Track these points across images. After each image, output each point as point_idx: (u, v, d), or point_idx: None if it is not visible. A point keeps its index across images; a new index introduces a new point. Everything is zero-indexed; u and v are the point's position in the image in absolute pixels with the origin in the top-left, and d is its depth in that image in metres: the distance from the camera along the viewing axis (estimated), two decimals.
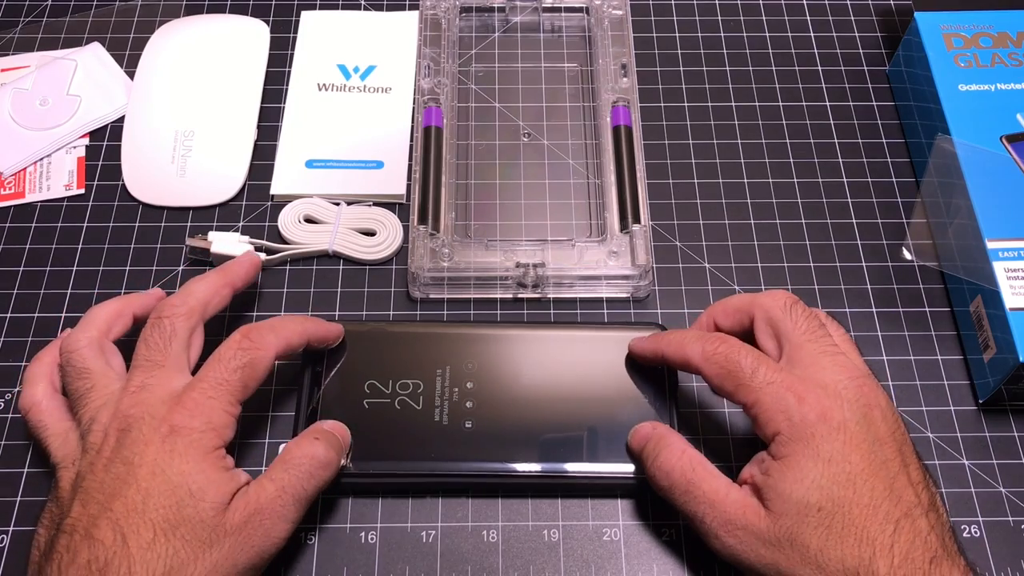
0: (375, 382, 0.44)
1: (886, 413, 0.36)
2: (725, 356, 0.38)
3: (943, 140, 0.49)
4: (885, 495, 0.34)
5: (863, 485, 0.34)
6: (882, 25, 0.59)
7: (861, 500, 0.34)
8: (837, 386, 0.36)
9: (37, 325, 0.48)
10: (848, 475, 0.34)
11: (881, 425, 0.36)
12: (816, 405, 0.35)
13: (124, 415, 0.37)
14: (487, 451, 0.42)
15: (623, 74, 0.53)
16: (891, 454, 0.35)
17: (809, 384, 0.36)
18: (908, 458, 0.36)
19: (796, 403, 0.35)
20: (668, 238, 0.51)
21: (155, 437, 0.36)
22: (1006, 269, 0.45)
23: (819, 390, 0.36)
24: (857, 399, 0.36)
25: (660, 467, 0.38)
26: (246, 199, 0.52)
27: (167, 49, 0.56)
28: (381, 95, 0.55)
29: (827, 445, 0.35)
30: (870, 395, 0.36)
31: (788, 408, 0.35)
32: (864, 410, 0.36)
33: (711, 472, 0.37)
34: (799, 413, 0.35)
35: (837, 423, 0.35)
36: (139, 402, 0.37)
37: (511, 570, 0.41)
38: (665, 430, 0.40)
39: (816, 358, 0.37)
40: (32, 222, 0.51)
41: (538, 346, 0.45)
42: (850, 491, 0.34)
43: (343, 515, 0.42)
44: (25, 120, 0.54)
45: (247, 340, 0.39)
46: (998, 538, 0.42)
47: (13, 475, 0.43)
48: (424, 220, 0.48)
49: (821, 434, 0.35)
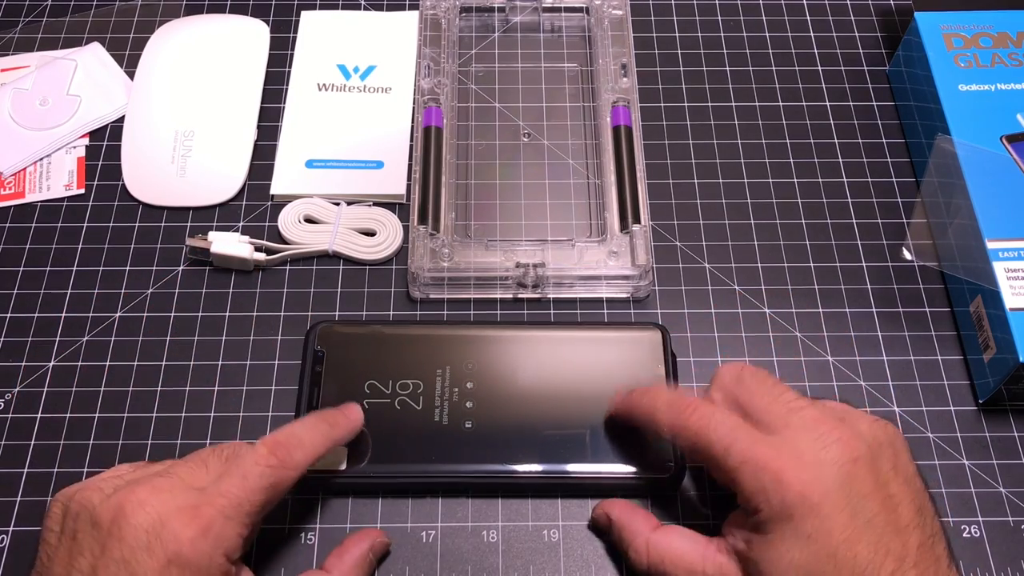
0: (375, 382, 0.44)
1: (874, 458, 0.35)
2: (695, 433, 0.36)
3: (943, 140, 0.49)
4: (869, 559, 0.33)
5: (843, 556, 0.33)
6: (882, 25, 0.59)
7: (842, 574, 0.33)
8: (815, 451, 0.34)
9: (37, 325, 0.48)
10: (828, 550, 0.33)
11: (864, 480, 0.34)
12: (795, 483, 0.34)
13: (130, 502, 0.34)
14: (487, 451, 0.42)
15: (623, 74, 0.53)
16: (875, 509, 0.34)
17: (786, 457, 0.34)
18: (894, 502, 0.34)
19: (773, 484, 0.34)
20: (668, 238, 0.51)
21: (161, 550, 0.33)
22: (1006, 269, 0.45)
23: (796, 463, 0.34)
24: (838, 459, 0.34)
25: (631, 559, 0.39)
26: (246, 199, 0.52)
27: (167, 49, 0.56)
28: (381, 95, 0.55)
29: (806, 523, 0.33)
30: (852, 449, 0.34)
31: (766, 487, 0.34)
32: (846, 469, 0.34)
33: (680, 553, 0.37)
34: (777, 495, 0.34)
35: (817, 498, 0.33)
36: (147, 487, 0.34)
37: (511, 570, 0.41)
38: (625, 515, 0.40)
39: (786, 421, 0.36)
40: (32, 222, 0.51)
41: (538, 347, 0.45)
42: (830, 567, 0.33)
43: (343, 515, 0.42)
44: (25, 120, 0.54)
45: (275, 458, 0.36)
46: (998, 538, 0.42)
47: (13, 475, 0.43)
48: (424, 220, 0.48)
49: (800, 514, 0.33)
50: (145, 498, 0.34)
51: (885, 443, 0.35)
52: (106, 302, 0.48)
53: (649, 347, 0.45)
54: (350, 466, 0.42)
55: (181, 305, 0.48)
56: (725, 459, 0.35)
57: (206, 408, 0.45)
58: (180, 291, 0.49)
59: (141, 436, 0.44)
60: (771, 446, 0.35)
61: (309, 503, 0.42)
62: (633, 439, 0.42)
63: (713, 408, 0.37)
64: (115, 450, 0.44)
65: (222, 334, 0.47)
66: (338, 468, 0.42)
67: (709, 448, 0.36)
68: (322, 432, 0.39)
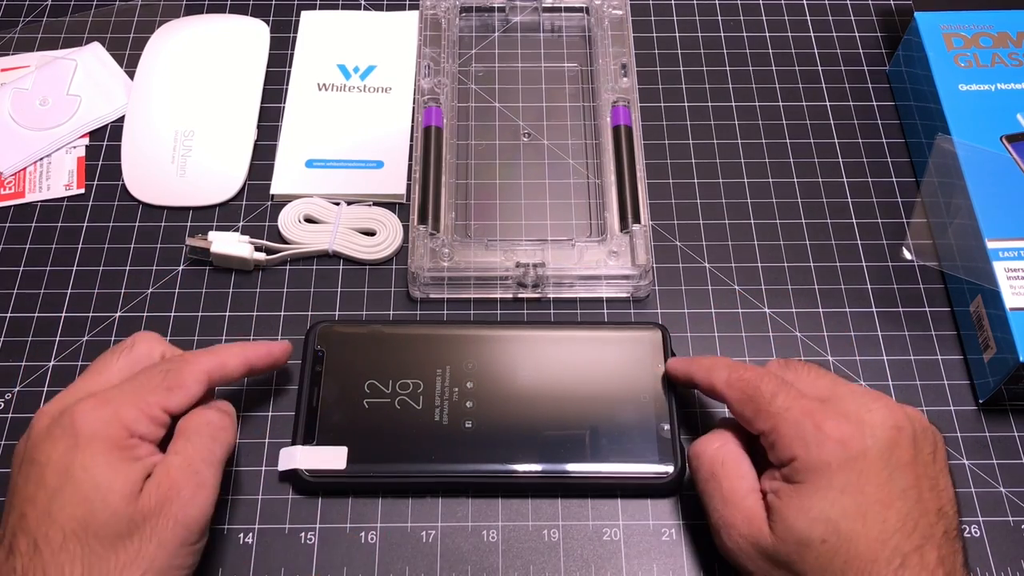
0: (375, 382, 0.44)
1: (916, 436, 0.35)
2: (747, 381, 0.37)
3: (943, 140, 0.49)
4: (897, 527, 0.33)
5: (874, 518, 0.33)
6: (882, 25, 0.59)
7: (870, 534, 0.33)
8: (861, 412, 0.35)
9: (37, 325, 0.48)
10: (859, 507, 0.33)
11: (905, 450, 0.34)
12: (835, 431, 0.34)
13: (40, 413, 0.37)
14: (487, 451, 0.42)
15: (623, 74, 0.53)
16: (910, 481, 0.34)
17: (830, 411, 0.35)
18: (929, 484, 0.34)
19: (814, 430, 0.35)
20: (668, 238, 0.51)
21: (62, 435, 0.35)
22: (1006, 269, 0.45)
23: (840, 417, 0.35)
24: (882, 422, 0.35)
25: (694, 448, 0.39)
26: (246, 199, 0.52)
27: (167, 49, 0.56)
28: (381, 95, 0.55)
29: (842, 475, 0.34)
30: (897, 417, 0.35)
31: (805, 434, 0.35)
32: (889, 434, 0.34)
33: (737, 472, 0.37)
34: (816, 440, 0.34)
35: (856, 452, 0.34)
36: (57, 399, 0.37)
37: (511, 570, 0.41)
38: (729, 421, 0.40)
39: (833, 390, 0.36)
40: (32, 222, 0.51)
41: (538, 346, 0.45)
42: (859, 524, 0.33)
43: (343, 515, 0.42)
44: (25, 120, 0.54)
45: (177, 354, 0.40)
46: (998, 538, 0.42)
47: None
48: (424, 220, 0.48)
49: (837, 463, 0.34)
50: (49, 407, 0.37)
51: (929, 430, 0.36)
52: (106, 302, 0.48)
53: (650, 347, 0.45)
54: (350, 466, 0.42)
55: (181, 305, 0.48)
56: (770, 404, 0.36)
57: None
58: (180, 291, 0.49)
59: None
60: (817, 401, 0.36)
61: (309, 503, 0.42)
62: (633, 439, 0.42)
63: (767, 370, 0.38)
64: None
65: (222, 334, 0.47)
66: (338, 468, 0.42)
67: (758, 396, 0.37)
68: (235, 345, 0.42)
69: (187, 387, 0.38)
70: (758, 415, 0.37)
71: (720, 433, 0.39)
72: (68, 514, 0.33)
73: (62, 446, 0.35)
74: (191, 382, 0.38)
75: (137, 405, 0.36)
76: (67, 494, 0.34)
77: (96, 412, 0.35)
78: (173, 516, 0.35)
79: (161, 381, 0.37)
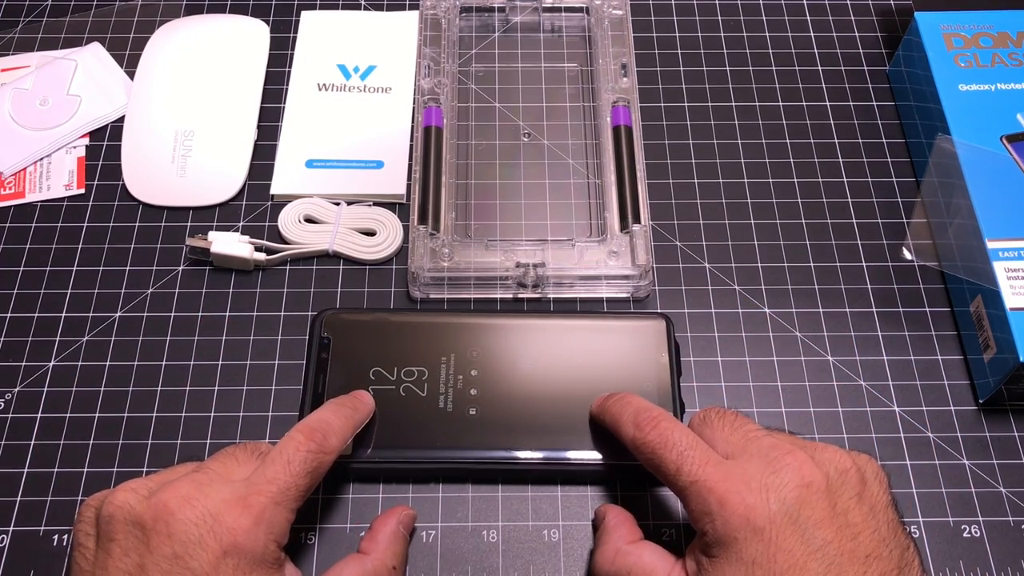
0: (380, 369, 0.44)
1: (832, 485, 0.34)
2: (651, 449, 0.36)
3: (943, 140, 0.49)
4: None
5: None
6: (882, 25, 0.59)
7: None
8: (765, 475, 0.34)
9: (37, 325, 0.48)
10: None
11: (817, 507, 0.33)
12: (739, 506, 0.33)
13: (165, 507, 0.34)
14: (491, 438, 0.42)
15: (623, 74, 0.53)
16: (830, 536, 0.33)
17: (734, 480, 0.34)
18: (856, 530, 0.33)
19: (718, 507, 0.33)
20: (668, 238, 0.51)
21: (215, 545, 0.33)
22: (1006, 269, 0.45)
23: (742, 487, 0.33)
24: (790, 482, 0.33)
25: (594, 568, 0.38)
26: (246, 199, 0.52)
27: (167, 49, 0.56)
28: (381, 95, 0.55)
29: (750, 547, 0.33)
30: (805, 474, 0.34)
31: (711, 512, 0.34)
32: (796, 493, 0.33)
33: (647, 568, 0.36)
34: (721, 516, 0.33)
35: (761, 522, 0.33)
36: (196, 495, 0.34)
37: (511, 570, 0.41)
38: (614, 521, 0.39)
39: (743, 448, 0.35)
40: (32, 222, 0.51)
41: (542, 335, 0.45)
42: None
43: (343, 515, 0.42)
44: (25, 120, 0.54)
45: (313, 443, 0.36)
46: (998, 538, 0.42)
47: (13, 475, 0.43)
48: (424, 220, 0.48)
49: (744, 538, 0.33)
50: (190, 494, 0.34)
51: (851, 471, 0.34)
52: (106, 302, 0.48)
53: (653, 336, 0.45)
54: (354, 452, 0.42)
55: (181, 305, 0.48)
56: (675, 479, 0.35)
57: (206, 408, 0.45)
58: (180, 291, 0.49)
59: (141, 436, 0.44)
60: (721, 469, 0.35)
61: (309, 503, 0.42)
62: None
63: (675, 425, 0.36)
64: (115, 450, 0.44)
65: (222, 334, 0.47)
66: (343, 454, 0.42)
67: (662, 465, 0.36)
68: (347, 416, 0.39)
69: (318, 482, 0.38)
70: (666, 482, 0.36)
71: (611, 536, 0.38)
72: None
73: (214, 555, 0.33)
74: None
75: (288, 519, 0.35)
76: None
77: (254, 532, 0.34)
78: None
79: (307, 485, 0.36)
